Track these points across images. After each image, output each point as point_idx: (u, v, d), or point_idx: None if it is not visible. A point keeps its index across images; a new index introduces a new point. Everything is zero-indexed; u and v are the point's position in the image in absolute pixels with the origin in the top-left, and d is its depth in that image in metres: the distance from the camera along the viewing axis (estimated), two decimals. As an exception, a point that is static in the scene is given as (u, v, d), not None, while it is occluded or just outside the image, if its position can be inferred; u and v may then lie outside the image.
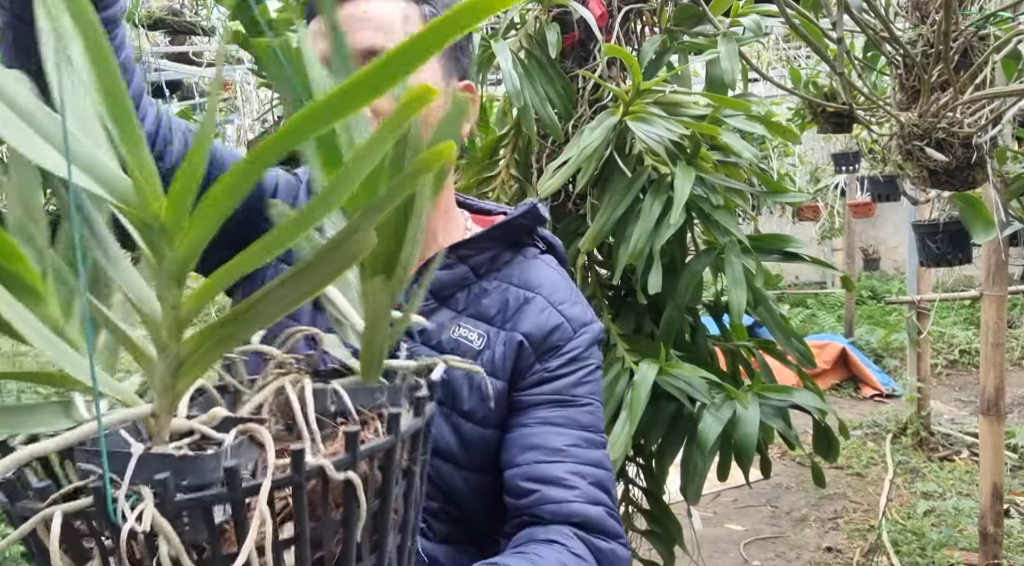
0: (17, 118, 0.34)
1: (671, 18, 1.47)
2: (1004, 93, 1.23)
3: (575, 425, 0.85)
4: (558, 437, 0.83)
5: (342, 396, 0.45)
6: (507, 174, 1.54)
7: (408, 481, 0.48)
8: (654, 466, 1.49)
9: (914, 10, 1.37)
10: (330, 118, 0.35)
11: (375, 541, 0.45)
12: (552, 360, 0.86)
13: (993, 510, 2.55)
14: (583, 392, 0.87)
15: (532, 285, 0.89)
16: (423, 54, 0.33)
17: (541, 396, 0.85)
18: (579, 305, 0.91)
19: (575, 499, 0.79)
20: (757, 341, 1.50)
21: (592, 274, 1.52)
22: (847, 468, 4.16)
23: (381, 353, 0.48)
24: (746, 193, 1.37)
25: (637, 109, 1.33)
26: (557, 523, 0.78)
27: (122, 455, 0.36)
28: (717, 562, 3.25)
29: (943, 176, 1.37)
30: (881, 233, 8.50)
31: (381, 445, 0.42)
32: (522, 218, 0.90)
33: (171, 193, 0.36)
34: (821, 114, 2.90)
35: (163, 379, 0.39)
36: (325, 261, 0.38)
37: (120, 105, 0.36)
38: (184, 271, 0.38)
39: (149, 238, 0.37)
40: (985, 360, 2.59)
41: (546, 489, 0.79)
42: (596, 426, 0.88)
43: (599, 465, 0.84)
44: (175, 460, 0.36)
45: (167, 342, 0.39)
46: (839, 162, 5.41)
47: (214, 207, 0.36)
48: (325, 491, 0.40)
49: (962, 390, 5.54)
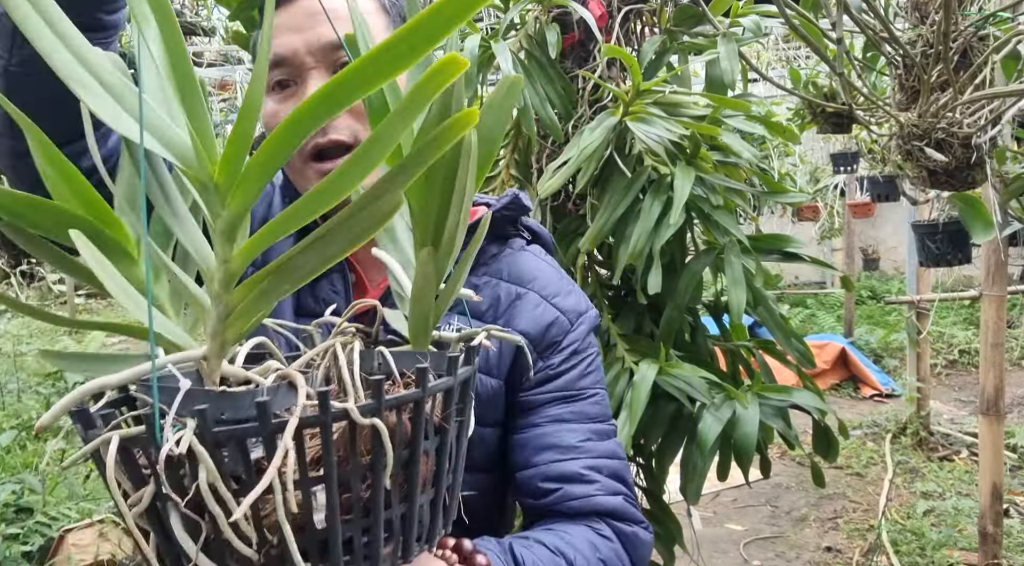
0: (102, 89, 0.39)
1: (671, 18, 1.47)
2: (1003, 93, 1.23)
3: (585, 419, 0.85)
4: (571, 434, 0.83)
5: (387, 358, 0.49)
6: (507, 174, 1.54)
7: (441, 437, 0.50)
8: (654, 466, 1.49)
9: (913, 10, 1.37)
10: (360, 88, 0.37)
11: (405, 491, 0.47)
12: (554, 356, 0.86)
13: (992, 510, 2.55)
14: (588, 383, 0.87)
15: (524, 280, 0.87)
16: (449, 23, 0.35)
17: (548, 394, 0.85)
18: (572, 295, 0.90)
19: (596, 493, 0.80)
20: (757, 341, 1.50)
21: (592, 274, 1.52)
22: (847, 468, 4.17)
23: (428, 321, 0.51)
24: (746, 193, 1.37)
25: (637, 109, 1.34)
26: (582, 516, 0.80)
27: (172, 390, 0.39)
28: (717, 562, 3.25)
29: (942, 176, 1.37)
30: (881, 233, 8.51)
31: (408, 396, 0.45)
32: (505, 209, 0.88)
33: (223, 157, 0.40)
34: (821, 114, 2.91)
35: (214, 325, 0.43)
36: (355, 220, 0.40)
37: (188, 83, 0.41)
38: (235, 228, 0.42)
39: (206, 197, 0.41)
40: (985, 360, 2.60)
41: (567, 487, 0.80)
42: (605, 415, 0.88)
43: (613, 455, 0.85)
44: (216, 395, 0.40)
45: (219, 292, 0.43)
46: (838, 162, 5.41)
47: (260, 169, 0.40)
48: (353, 436, 0.43)
49: (962, 390, 5.55)
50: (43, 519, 2.84)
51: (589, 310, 0.91)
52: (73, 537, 2.70)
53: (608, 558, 0.78)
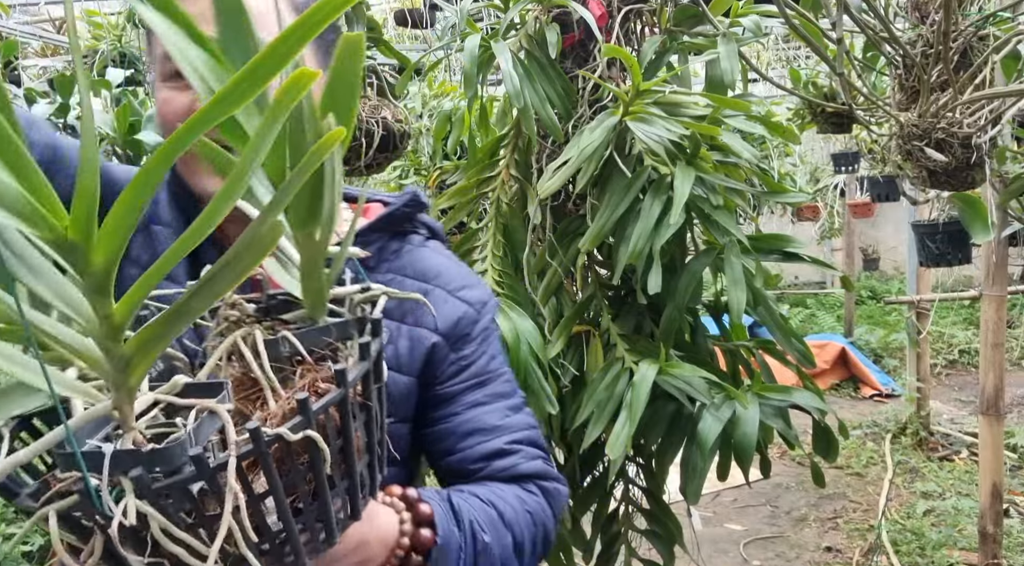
0: None
1: (671, 18, 1.47)
2: (1003, 93, 1.23)
3: (499, 398, 0.90)
4: (490, 415, 0.88)
5: (293, 342, 0.49)
6: (507, 174, 1.54)
7: (367, 413, 0.52)
8: (654, 466, 1.49)
9: (913, 10, 1.37)
10: (219, 116, 0.37)
11: (344, 469, 0.50)
12: (465, 347, 0.89)
13: (992, 510, 2.55)
14: (496, 365, 0.91)
15: (428, 276, 0.89)
16: (299, 43, 0.36)
17: (463, 383, 0.88)
18: (476, 287, 0.93)
19: (520, 461, 0.87)
20: (757, 341, 1.50)
21: (592, 274, 1.52)
22: (847, 468, 4.17)
23: (322, 292, 0.52)
24: (746, 193, 1.37)
25: (637, 109, 1.34)
26: (509, 482, 0.87)
27: (96, 455, 0.39)
28: (717, 562, 3.25)
29: (942, 176, 1.38)
30: (881, 233, 8.50)
31: (332, 399, 0.46)
32: (405, 207, 0.90)
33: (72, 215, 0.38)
34: (821, 114, 2.91)
35: (115, 377, 0.42)
36: (246, 252, 0.41)
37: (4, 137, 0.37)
38: (105, 282, 0.40)
39: (67, 257, 0.39)
40: (984, 360, 2.60)
41: (494, 462, 0.87)
42: (515, 391, 0.93)
43: (528, 426, 0.91)
44: (145, 455, 0.40)
45: (109, 346, 0.42)
46: (838, 162, 5.41)
47: (120, 222, 0.39)
48: (289, 449, 0.45)
49: (961, 390, 5.55)
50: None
51: (491, 299, 0.94)
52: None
53: (533, 509, 0.86)
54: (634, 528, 1.56)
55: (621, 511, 1.55)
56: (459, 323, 0.88)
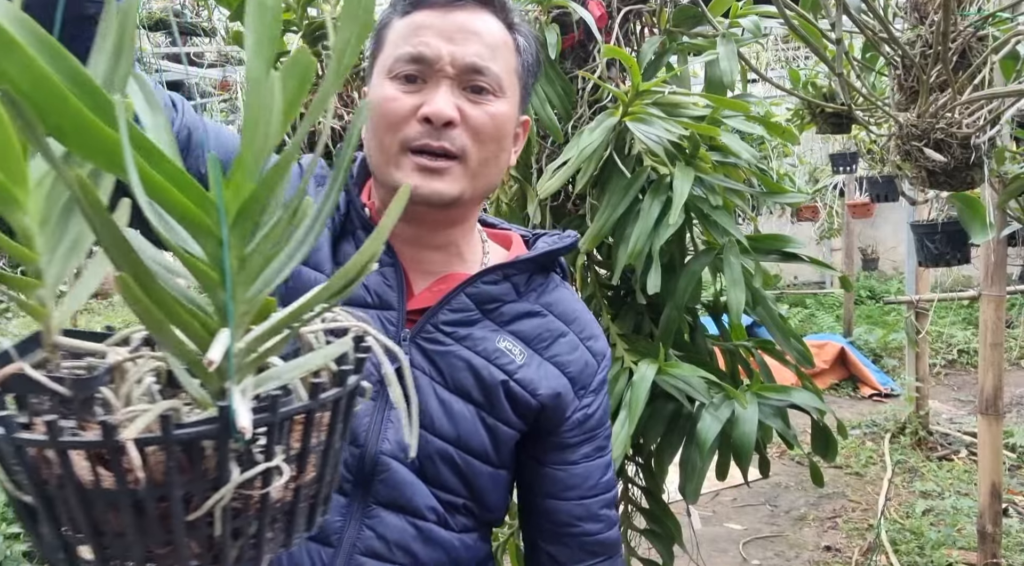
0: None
1: (670, 19, 1.47)
2: (1002, 94, 1.23)
3: (602, 452, 0.96)
4: (595, 471, 0.95)
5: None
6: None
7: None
8: (653, 465, 1.49)
9: (913, 11, 1.37)
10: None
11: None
12: (586, 397, 0.93)
13: (991, 509, 2.55)
14: (606, 418, 0.97)
15: (568, 319, 0.93)
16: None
17: (581, 435, 0.93)
18: (600, 339, 0.97)
19: (605, 530, 0.96)
20: (756, 341, 1.50)
21: (592, 274, 1.53)
22: (846, 467, 4.17)
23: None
24: (745, 193, 1.38)
25: (636, 110, 1.34)
26: (589, 549, 0.95)
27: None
28: (716, 561, 3.25)
29: (941, 176, 1.38)
30: (880, 233, 8.51)
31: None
32: (566, 249, 0.95)
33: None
34: (820, 115, 2.91)
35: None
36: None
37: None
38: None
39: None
40: (983, 360, 2.60)
41: (585, 525, 0.94)
42: (610, 443, 0.98)
43: (613, 486, 0.98)
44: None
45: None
46: (837, 163, 5.41)
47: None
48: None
49: (960, 390, 5.55)
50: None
51: (608, 352, 0.98)
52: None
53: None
54: (633, 527, 1.57)
55: (621, 510, 1.55)
56: (584, 370, 0.92)
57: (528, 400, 0.88)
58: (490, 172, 0.85)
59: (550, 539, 0.96)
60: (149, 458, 0.35)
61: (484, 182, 0.85)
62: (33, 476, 0.36)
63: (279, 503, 0.40)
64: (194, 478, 0.36)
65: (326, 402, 0.40)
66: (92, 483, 0.35)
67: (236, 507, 0.38)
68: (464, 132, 0.81)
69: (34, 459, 0.36)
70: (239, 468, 0.37)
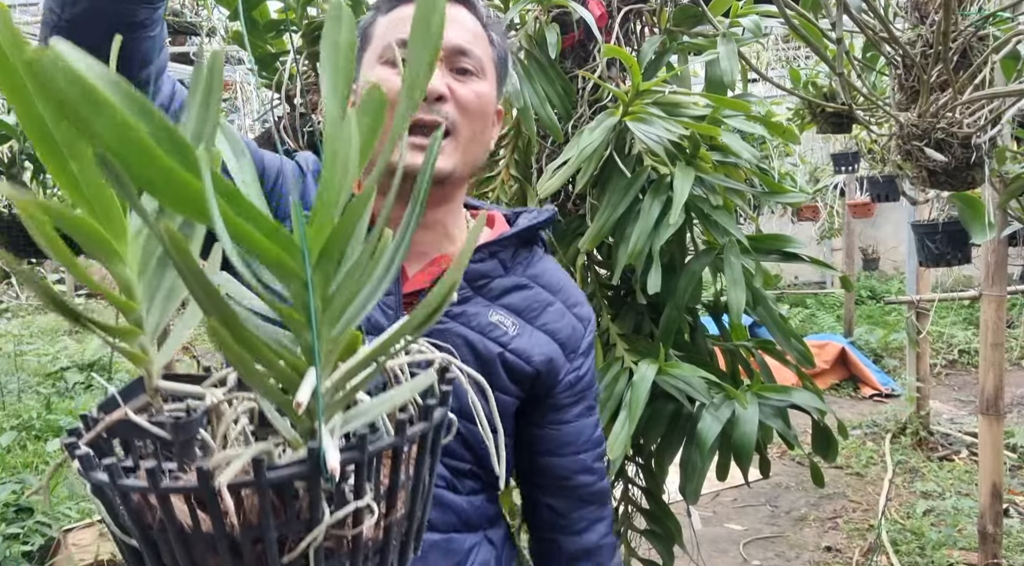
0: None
1: (671, 19, 1.47)
2: (1003, 93, 1.23)
3: (591, 410, 1.04)
4: (586, 428, 1.02)
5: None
6: (507, 174, 1.54)
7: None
8: (653, 465, 1.49)
9: (913, 10, 1.37)
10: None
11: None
12: (576, 360, 1.00)
13: (992, 510, 2.55)
14: (593, 379, 1.04)
15: (554, 288, 0.99)
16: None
17: (573, 396, 1.00)
18: (584, 304, 1.03)
19: (597, 480, 1.04)
20: (756, 341, 1.50)
21: (592, 274, 1.52)
22: (846, 468, 4.17)
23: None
24: (746, 193, 1.37)
25: (637, 109, 1.34)
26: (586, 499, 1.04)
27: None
28: (716, 561, 3.25)
29: (942, 176, 1.38)
30: (880, 233, 8.51)
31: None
32: (546, 223, 1.00)
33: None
34: (820, 114, 2.91)
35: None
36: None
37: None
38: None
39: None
40: (984, 360, 2.60)
41: (580, 477, 1.02)
42: (596, 400, 1.06)
43: (603, 441, 1.06)
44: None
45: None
46: (838, 162, 5.41)
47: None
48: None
49: (961, 390, 5.55)
50: (43, 519, 2.84)
51: (592, 316, 1.05)
52: (73, 537, 2.70)
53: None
54: (634, 528, 1.56)
55: (621, 511, 1.55)
56: (572, 336, 0.99)
57: (524, 368, 0.93)
58: (476, 149, 0.91)
59: (549, 492, 1.03)
60: (244, 501, 0.37)
61: (471, 158, 0.91)
62: (137, 520, 0.37)
63: (371, 542, 0.40)
64: (287, 519, 0.37)
65: (413, 437, 0.41)
66: (191, 526, 0.37)
67: (329, 547, 0.38)
68: (454, 107, 0.87)
69: (138, 504, 0.37)
70: (330, 508, 0.37)
